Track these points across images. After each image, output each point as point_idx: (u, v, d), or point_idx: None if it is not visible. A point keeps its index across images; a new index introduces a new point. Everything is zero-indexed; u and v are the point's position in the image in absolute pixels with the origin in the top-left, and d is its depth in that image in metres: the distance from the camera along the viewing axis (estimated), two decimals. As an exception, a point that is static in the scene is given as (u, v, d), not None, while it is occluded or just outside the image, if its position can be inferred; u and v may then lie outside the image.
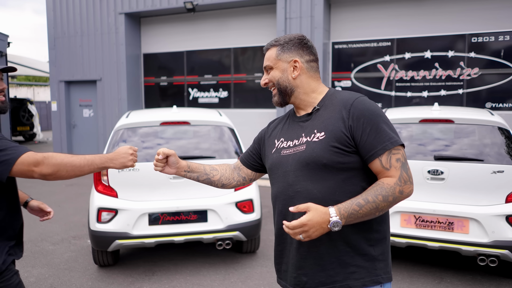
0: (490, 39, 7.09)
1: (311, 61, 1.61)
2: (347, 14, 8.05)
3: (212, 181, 1.83)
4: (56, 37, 10.49)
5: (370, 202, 1.39)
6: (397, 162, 1.43)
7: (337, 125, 1.47)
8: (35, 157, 1.63)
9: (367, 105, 1.48)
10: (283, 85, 1.60)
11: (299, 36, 1.62)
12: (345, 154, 1.46)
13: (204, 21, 9.31)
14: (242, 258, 4.42)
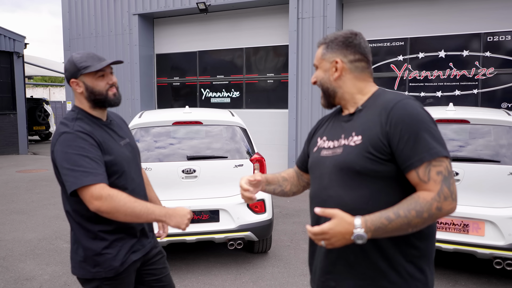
0: (506, 38, 6.96)
1: (357, 60, 1.49)
2: (360, 14, 7.99)
3: (285, 192, 1.78)
4: (71, 38, 10.65)
5: (401, 217, 1.26)
6: (437, 175, 1.29)
7: (374, 130, 1.37)
8: (100, 192, 1.68)
9: (409, 109, 1.34)
10: (325, 86, 1.53)
11: (345, 34, 1.51)
12: (380, 162, 1.35)
13: (217, 21, 9.34)
14: (253, 258, 4.43)
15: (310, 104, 7.99)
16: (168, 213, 1.79)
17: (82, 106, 1.88)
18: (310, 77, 7.95)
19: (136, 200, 1.74)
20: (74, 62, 1.82)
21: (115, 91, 1.89)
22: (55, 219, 5.90)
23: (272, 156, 8.50)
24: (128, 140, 1.98)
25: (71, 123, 1.80)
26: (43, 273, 4.07)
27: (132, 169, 1.93)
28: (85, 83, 1.83)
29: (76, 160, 1.70)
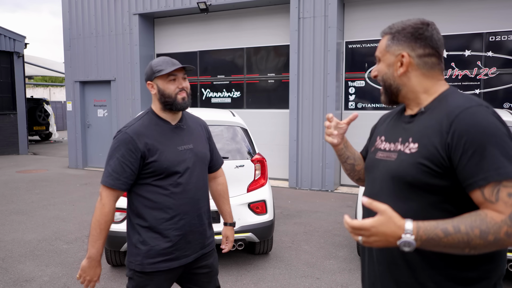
0: (509, 38, 6.93)
1: (427, 55, 1.30)
2: (361, 14, 7.96)
3: (355, 170, 1.62)
4: (72, 38, 10.62)
5: (461, 233, 1.08)
6: (509, 197, 1.09)
7: (433, 139, 1.20)
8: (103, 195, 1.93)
9: (478, 119, 1.15)
10: (387, 82, 1.35)
11: (415, 24, 1.31)
12: (435, 175, 1.18)
13: (217, 21, 9.31)
14: (254, 259, 4.39)
15: (311, 104, 7.96)
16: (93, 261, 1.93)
17: (154, 107, 2.04)
18: (311, 77, 7.92)
19: (103, 230, 1.91)
20: (151, 66, 2.00)
21: (184, 95, 1.99)
22: (55, 219, 5.88)
23: (273, 156, 8.47)
24: (191, 146, 2.05)
25: (133, 122, 2.01)
26: (43, 274, 4.04)
27: (188, 173, 1.99)
28: (157, 85, 1.98)
29: (110, 160, 1.93)
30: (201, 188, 2.06)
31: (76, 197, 7.29)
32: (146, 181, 1.95)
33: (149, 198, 1.95)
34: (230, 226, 2.31)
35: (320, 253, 4.54)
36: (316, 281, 3.87)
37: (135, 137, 1.91)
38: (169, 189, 1.94)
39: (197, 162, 2.05)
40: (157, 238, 1.94)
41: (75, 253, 4.58)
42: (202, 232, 2.08)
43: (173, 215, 1.96)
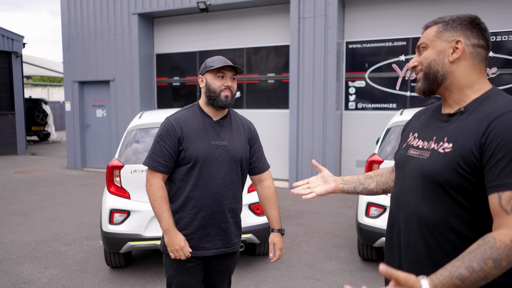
0: (509, 38, 6.91)
1: (480, 46, 1.27)
2: (361, 14, 7.93)
3: (370, 190, 1.63)
4: (70, 38, 10.58)
5: (476, 272, 1.03)
6: None
7: (469, 140, 1.17)
8: (149, 177, 2.10)
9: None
10: (434, 68, 1.29)
11: (471, 15, 1.30)
12: (467, 177, 1.17)
13: (217, 21, 9.28)
14: (255, 261, 4.36)
15: (311, 104, 7.93)
16: (168, 232, 2.05)
17: (201, 101, 2.18)
18: (311, 77, 7.89)
19: (162, 204, 2.05)
20: (206, 61, 2.14)
21: (228, 94, 2.09)
22: (53, 221, 5.84)
23: (273, 156, 8.43)
24: (225, 143, 2.12)
25: (179, 111, 2.16)
26: (41, 276, 4.00)
27: (215, 167, 2.08)
28: (206, 79, 2.12)
29: (154, 144, 2.10)
30: (227, 185, 2.10)
31: (74, 198, 7.25)
32: (179, 168, 2.08)
33: (177, 184, 2.10)
34: (278, 232, 2.23)
35: (321, 254, 4.51)
36: (317, 283, 3.84)
37: (174, 123, 2.07)
38: (193, 180, 2.06)
39: (228, 159, 2.10)
40: (178, 223, 2.09)
41: (74, 255, 4.54)
42: (225, 229, 2.12)
43: (194, 206, 2.07)
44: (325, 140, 7.83)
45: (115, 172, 3.89)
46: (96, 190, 7.80)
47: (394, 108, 7.76)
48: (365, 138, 7.90)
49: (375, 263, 4.26)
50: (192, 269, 2.12)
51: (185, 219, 2.08)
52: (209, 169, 2.06)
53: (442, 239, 1.23)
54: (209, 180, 2.06)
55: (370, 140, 7.71)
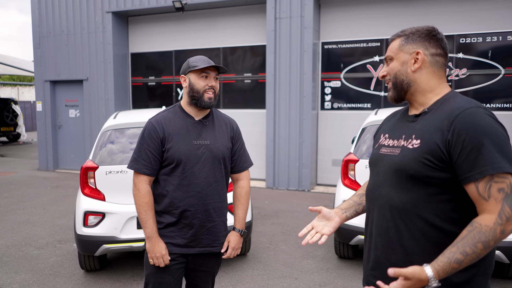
0: (478, 40, 7.14)
1: (438, 55, 1.44)
2: (337, 14, 8.04)
3: None
4: (41, 36, 10.28)
5: (469, 255, 1.22)
6: (499, 192, 1.22)
7: (434, 136, 1.33)
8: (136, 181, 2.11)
9: (476, 119, 1.27)
10: (399, 78, 1.47)
11: (428, 27, 1.47)
12: (435, 169, 1.31)
13: (193, 20, 9.21)
14: (232, 261, 4.35)
15: (288, 104, 7.98)
16: (151, 239, 2.07)
17: (182, 101, 2.19)
18: (287, 77, 7.93)
19: (148, 210, 2.07)
20: (188, 61, 2.14)
21: (211, 95, 2.10)
22: (24, 224, 5.66)
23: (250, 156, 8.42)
24: (207, 142, 2.12)
25: (160, 112, 2.17)
26: (12, 281, 3.87)
27: (198, 167, 2.08)
28: (189, 79, 2.11)
29: (137, 146, 2.11)
30: (211, 184, 2.11)
31: (47, 201, 7.05)
32: (162, 169, 2.10)
33: (162, 185, 2.10)
34: (237, 232, 2.23)
35: (298, 253, 4.55)
36: (295, 281, 3.86)
37: (156, 125, 2.08)
38: (177, 180, 2.07)
39: (211, 158, 2.11)
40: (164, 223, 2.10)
41: (47, 259, 4.42)
42: (211, 228, 2.12)
43: (178, 205, 2.07)
44: (301, 140, 7.89)
45: (89, 173, 3.81)
46: (69, 192, 7.61)
47: (369, 108, 7.89)
48: (341, 138, 8.01)
49: (352, 261, 4.32)
50: (173, 267, 2.12)
51: (171, 218, 2.09)
52: (191, 168, 2.07)
53: (412, 226, 1.37)
54: (192, 180, 2.07)
55: (345, 140, 7.82)
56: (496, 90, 7.10)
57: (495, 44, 7.06)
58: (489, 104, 7.17)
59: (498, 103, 7.12)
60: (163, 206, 2.10)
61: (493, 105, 7.15)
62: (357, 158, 4.14)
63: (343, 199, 4.07)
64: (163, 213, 2.11)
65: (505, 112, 7.06)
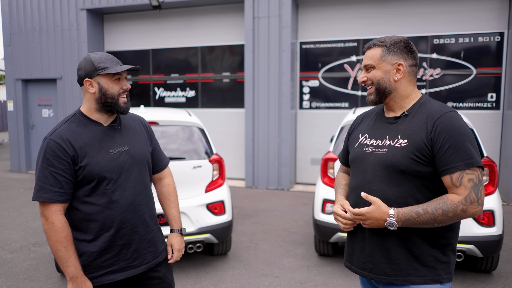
0: (451, 41, 7.34)
1: (413, 65, 1.66)
2: (314, 14, 8.11)
3: None
4: (12, 33, 9.96)
5: (428, 213, 1.49)
6: (468, 182, 1.49)
7: (420, 135, 1.55)
8: (48, 214, 1.74)
9: (453, 122, 1.53)
10: (383, 85, 1.65)
11: (404, 39, 1.66)
12: (422, 164, 1.54)
13: (171, 19, 9.11)
14: (213, 261, 4.34)
15: (266, 103, 7.99)
16: (75, 280, 1.74)
17: (84, 108, 1.86)
18: (266, 76, 7.95)
19: (68, 246, 1.73)
20: (92, 61, 1.80)
21: (125, 99, 1.86)
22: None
23: (229, 156, 8.43)
24: (126, 148, 1.88)
25: (58, 126, 1.82)
26: (-16, 287, 3.74)
27: (123, 177, 1.83)
28: (99, 83, 1.81)
29: (41, 172, 1.75)
30: (141, 192, 1.90)
31: (20, 203, 6.84)
32: (79, 191, 1.78)
33: (83, 210, 1.78)
34: (177, 232, 2.08)
35: (278, 252, 4.57)
36: (276, 280, 3.88)
37: (61, 142, 1.74)
38: (103, 199, 1.78)
39: (134, 164, 1.88)
40: (97, 251, 1.80)
41: (21, 263, 4.29)
42: (151, 239, 1.93)
43: (112, 225, 1.80)
44: (280, 139, 7.93)
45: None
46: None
47: (346, 107, 8.00)
48: (319, 137, 8.09)
49: (332, 258, 4.37)
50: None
51: (104, 243, 1.80)
52: (117, 181, 1.81)
53: None
54: (121, 193, 1.81)
55: (323, 139, 7.90)
56: (468, 90, 7.32)
57: (467, 45, 7.27)
58: (461, 103, 7.38)
59: (470, 102, 7.34)
60: (92, 232, 1.79)
61: (465, 104, 7.36)
62: (336, 156, 4.19)
63: (323, 197, 4.11)
64: (93, 240, 1.79)
65: (476, 111, 7.28)
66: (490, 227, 3.60)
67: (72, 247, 1.75)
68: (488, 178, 3.70)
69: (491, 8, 7.09)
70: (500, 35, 7.08)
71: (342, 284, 3.79)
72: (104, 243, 1.80)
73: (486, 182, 3.71)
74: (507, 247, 4.56)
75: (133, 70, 1.87)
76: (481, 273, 3.93)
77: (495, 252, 3.63)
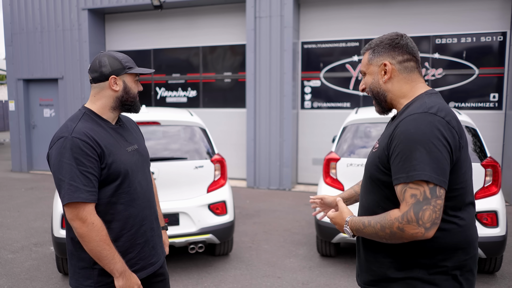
0: (453, 41, 7.32)
1: (406, 61, 1.48)
2: (316, 14, 8.09)
3: None
4: (14, 33, 9.96)
5: (371, 226, 1.39)
6: (411, 198, 1.30)
7: (385, 141, 1.42)
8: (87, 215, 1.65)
9: (410, 126, 1.32)
10: (375, 90, 1.54)
11: (391, 35, 1.51)
12: (384, 172, 1.41)
13: (172, 18, 9.10)
14: (215, 261, 4.32)
15: (268, 103, 7.98)
16: (124, 275, 1.72)
17: (95, 106, 1.81)
18: (267, 76, 7.94)
19: (110, 243, 1.68)
20: (118, 59, 1.80)
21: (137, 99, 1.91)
22: None
23: (230, 156, 8.41)
24: (136, 147, 1.91)
25: (73, 124, 1.71)
26: (-15, 287, 3.74)
27: (139, 176, 1.85)
28: (125, 82, 1.81)
29: (70, 171, 1.63)
30: (151, 189, 1.95)
31: (21, 203, 6.83)
32: (101, 190, 1.73)
33: (105, 210, 1.73)
34: (164, 229, 2.17)
35: (280, 252, 4.55)
36: (278, 280, 3.86)
37: (86, 139, 1.66)
38: (126, 197, 1.77)
39: (144, 163, 1.93)
40: (120, 252, 1.75)
41: (22, 263, 4.28)
42: (160, 235, 1.99)
43: (133, 224, 1.79)
44: (282, 139, 7.91)
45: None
46: (44, 194, 7.40)
47: (348, 107, 7.98)
48: (321, 137, 8.07)
49: (334, 259, 4.36)
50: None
51: (127, 243, 1.78)
52: (136, 178, 1.82)
53: None
54: (140, 190, 1.83)
55: (325, 139, 7.88)
56: (470, 90, 7.29)
57: (469, 45, 7.25)
58: (463, 103, 7.36)
59: (472, 102, 7.31)
60: (113, 232, 1.75)
61: (467, 105, 7.34)
62: (339, 156, 4.18)
63: None
64: (114, 241, 1.74)
65: (478, 111, 7.26)
66: (493, 228, 3.58)
67: (113, 244, 1.70)
68: (491, 178, 3.68)
69: (494, 8, 7.07)
70: (503, 35, 7.05)
71: (344, 285, 3.77)
72: (126, 243, 1.78)
73: (490, 182, 3.68)
74: (511, 248, 4.53)
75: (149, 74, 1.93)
76: (484, 274, 3.92)
77: (498, 253, 3.61)
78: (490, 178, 3.68)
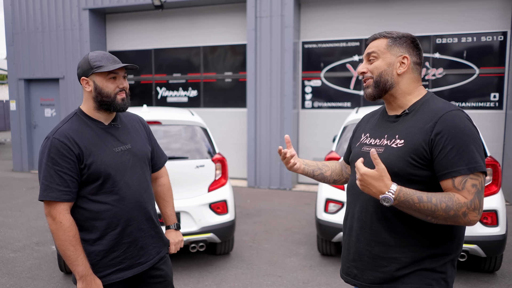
0: (453, 41, 7.33)
1: (417, 63, 1.55)
2: (317, 14, 8.10)
3: (325, 177, 1.86)
4: (15, 32, 9.98)
5: (431, 203, 1.34)
6: (472, 187, 1.36)
7: (418, 136, 1.42)
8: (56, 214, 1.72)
9: (457, 121, 1.39)
10: (384, 78, 1.53)
11: (411, 35, 1.56)
12: (418, 167, 1.41)
13: (173, 18, 9.12)
14: (216, 260, 4.34)
15: (269, 103, 7.99)
16: (85, 279, 1.74)
17: (84, 107, 1.87)
18: (268, 76, 7.95)
19: (76, 245, 1.73)
20: (88, 60, 1.81)
21: (124, 96, 1.86)
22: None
23: (231, 155, 8.43)
24: (128, 146, 1.90)
25: (60, 125, 1.81)
26: (-13, 286, 3.75)
27: (126, 176, 1.85)
28: (95, 82, 1.81)
29: (46, 171, 1.73)
30: (145, 190, 1.93)
31: (22, 202, 6.85)
32: (84, 189, 1.78)
33: (89, 208, 1.78)
34: (173, 228, 2.16)
35: (281, 251, 4.56)
36: (278, 279, 3.88)
37: (65, 140, 1.73)
38: (110, 196, 1.79)
39: (137, 163, 1.91)
40: (104, 250, 1.80)
41: (24, 262, 4.30)
42: (155, 235, 1.96)
43: (119, 223, 1.81)
44: (282, 139, 7.92)
45: None
46: (45, 193, 7.41)
47: (349, 107, 7.99)
48: (321, 136, 8.08)
49: (334, 258, 4.37)
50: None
51: (111, 241, 1.80)
52: (123, 179, 1.82)
53: (394, 219, 1.46)
54: (127, 191, 1.83)
55: (326, 138, 7.89)
56: (471, 90, 7.30)
57: (470, 45, 7.25)
58: (464, 103, 7.36)
59: (473, 102, 7.32)
60: (98, 231, 1.78)
61: (468, 104, 7.34)
62: (339, 156, 4.19)
63: (325, 197, 4.11)
64: (99, 239, 1.79)
65: (479, 110, 7.27)
66: (493, 227, 3.59)
67: (81, 246, 1.74)
68: (491, 178, 3.69)
69: (494, 8, 7.08)
70: (503, 34, 7.06)
71: (344, 284, 3.78)
72: (111, 241, 1.80)
73: (490, 182, 3.70)
74: (511, 247, 4.54)
75: (129, 68, 1.87)
76: (484, 273, 3.93)
77: (498, 252, 3.63)
78: (490, 177, 3.69)
